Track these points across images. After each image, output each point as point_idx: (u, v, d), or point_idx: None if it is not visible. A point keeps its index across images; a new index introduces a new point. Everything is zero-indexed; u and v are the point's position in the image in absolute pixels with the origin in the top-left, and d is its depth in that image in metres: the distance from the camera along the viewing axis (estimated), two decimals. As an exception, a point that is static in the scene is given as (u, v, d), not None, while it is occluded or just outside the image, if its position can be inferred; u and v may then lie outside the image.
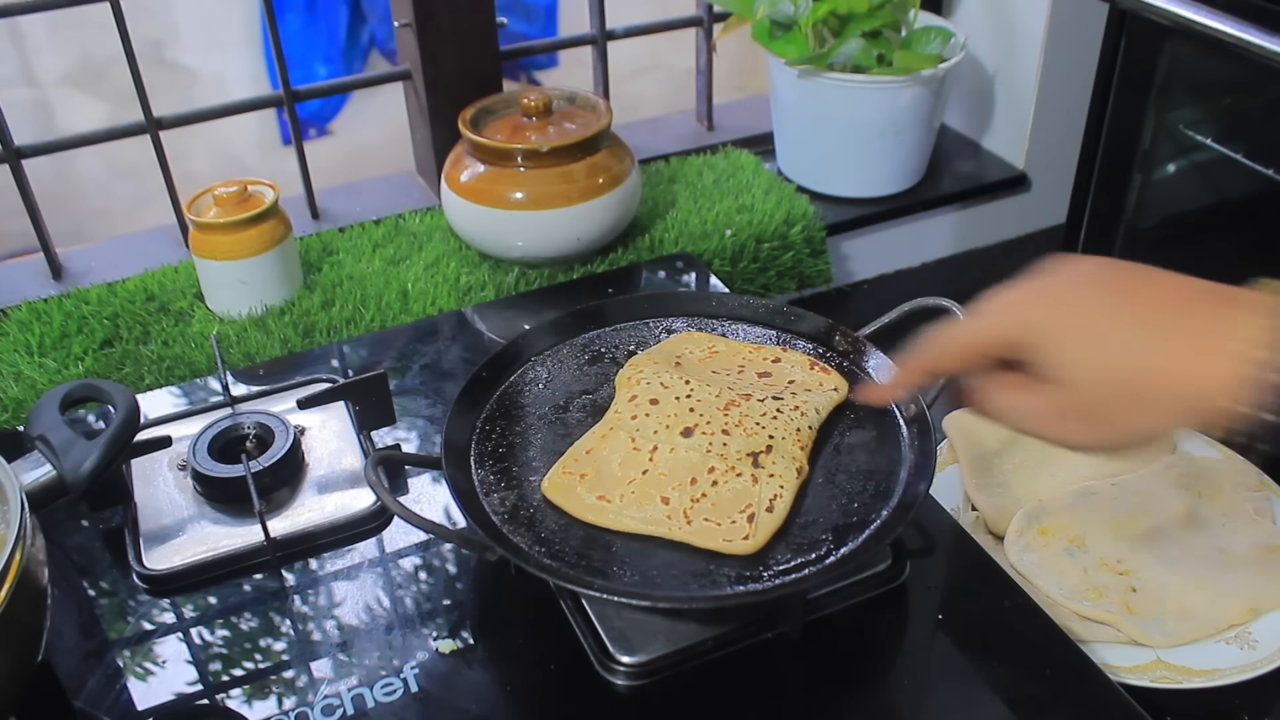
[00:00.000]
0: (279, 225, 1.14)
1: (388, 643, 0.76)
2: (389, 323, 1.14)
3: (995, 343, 0.59)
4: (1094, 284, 0.56)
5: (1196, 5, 0.96)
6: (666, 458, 0.78)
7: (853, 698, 0.72)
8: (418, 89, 1.31)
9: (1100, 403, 0.55)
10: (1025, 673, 0.73)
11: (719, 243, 1.26)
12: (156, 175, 1.25)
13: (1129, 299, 0.55)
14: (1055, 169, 1.47)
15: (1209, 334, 0.52)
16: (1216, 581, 0.87)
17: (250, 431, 0.92)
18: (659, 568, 0.72)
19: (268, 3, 1.24)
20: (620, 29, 1.42)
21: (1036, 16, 1.38)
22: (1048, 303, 0.57)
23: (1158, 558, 0.90)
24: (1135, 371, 0.53)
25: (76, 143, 1.22)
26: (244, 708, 0.72)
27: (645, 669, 0.72)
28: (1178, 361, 0.52)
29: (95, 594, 0.82)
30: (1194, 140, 1.14)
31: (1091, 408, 0.55)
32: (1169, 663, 0.82)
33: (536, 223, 1.16)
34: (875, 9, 1.29)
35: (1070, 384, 0.55)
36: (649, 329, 0.95)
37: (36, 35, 2.89)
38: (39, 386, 1.05)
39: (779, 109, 1.42)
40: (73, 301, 1.16)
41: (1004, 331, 0.58)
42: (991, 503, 0.96)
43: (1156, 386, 0.53)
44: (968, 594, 0.79)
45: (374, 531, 0.86)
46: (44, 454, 0.75)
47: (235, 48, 3.00)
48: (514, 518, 0.76)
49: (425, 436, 0.96)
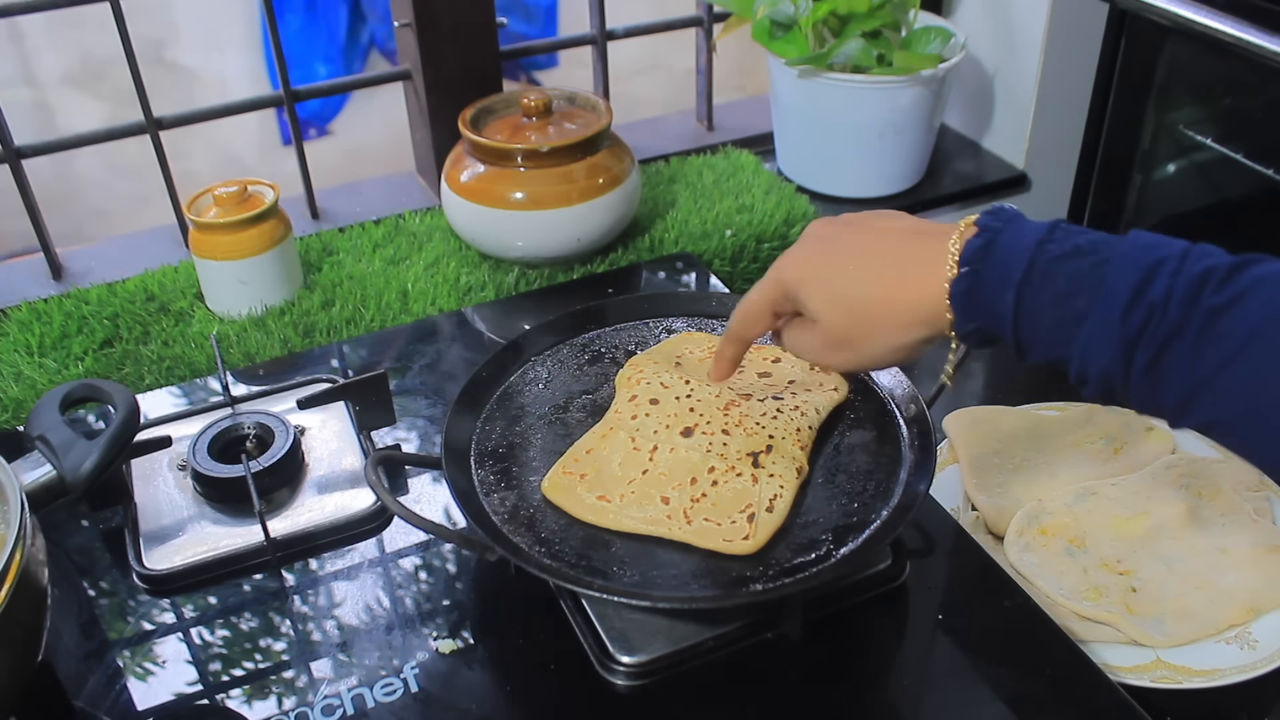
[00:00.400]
0: (279, 225, 1.14)
1: (388, 643, 0.76)
2: (389, 323, 1.14)
3: (774, 299, 0.71)
4: (833, 237, 0.68)
5: (1196, 5, 0.96)
6: (666, 457, 0.78)
7: (853, 698, 0.72)
8: (418, 89, 1.31)
9: (845, 330, 0.66)
10: (1025, 673, 0.73)
11: (719, 243, 1.26)
12: (156, 175, 1.25)
13: (858, 243, 0.66)
14: (1055, 169, 1.47)
15: (916, 261, 0.63)
16: (1216, 581, 0.87)
17: (250, 431, 0.92)
18: (659, 568, 0.72)
19: (268, 3, 1.24)
20: (620, 29, 1.42)
21: (1036, 16, 1.37)
22: (800, 258, 0.69)
23: (1158, 558, 0.90)
24: (863, 300, 0.65)
25: (76, 143, 1.22)
26: (244, 708, 0.72)
27: (645, 669, 0.72)
28: (893, 287, 0.64)
29: (95, 594, 0.82)
30: (1194, 140, 1.14)
31: (841, 335, 0.67)
32: (1169, 663, 0.82)
33: (536, 223, 1.16)
34: (875, 9, 1.29)
35: (821, 319, 0.67)
36: (649, 329, 0.95)
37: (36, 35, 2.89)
38: (39, 386, 1.05)
39: (779, 109, 1.42)
40: (73, 301, 1.16)
41: (775, 290, 0.70)
42: (991, 503, 0.96)
43: (881, 310, 0.64)
44: (968, 594, 0.79)
45: (374, 531, 0.86)
46: (44, 454, 0.75)
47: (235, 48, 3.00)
48: (514, 518, 0.76)
49: (425, 436, 0.96)
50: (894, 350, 0.66)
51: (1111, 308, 0.55)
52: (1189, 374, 0.54)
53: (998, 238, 0.60)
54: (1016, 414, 1.06)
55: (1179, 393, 0.55)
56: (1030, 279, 0.58)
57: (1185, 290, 0.54)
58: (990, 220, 0.61)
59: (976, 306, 0.60)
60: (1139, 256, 0.56)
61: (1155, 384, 0.55)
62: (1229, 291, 0.53)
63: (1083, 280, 0.56)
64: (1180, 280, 0.54)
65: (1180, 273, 0.54)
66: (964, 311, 0.61)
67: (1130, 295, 0.55)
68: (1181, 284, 0.54)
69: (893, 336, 0.65)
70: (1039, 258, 0.58)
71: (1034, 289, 0.58)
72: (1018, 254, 0.59)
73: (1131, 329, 0.55)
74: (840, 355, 0.68)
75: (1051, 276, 0.57)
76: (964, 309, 0.61)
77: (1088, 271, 0.56)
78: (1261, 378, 0.52)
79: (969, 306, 0.61)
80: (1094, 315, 0.56)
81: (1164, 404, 0.56)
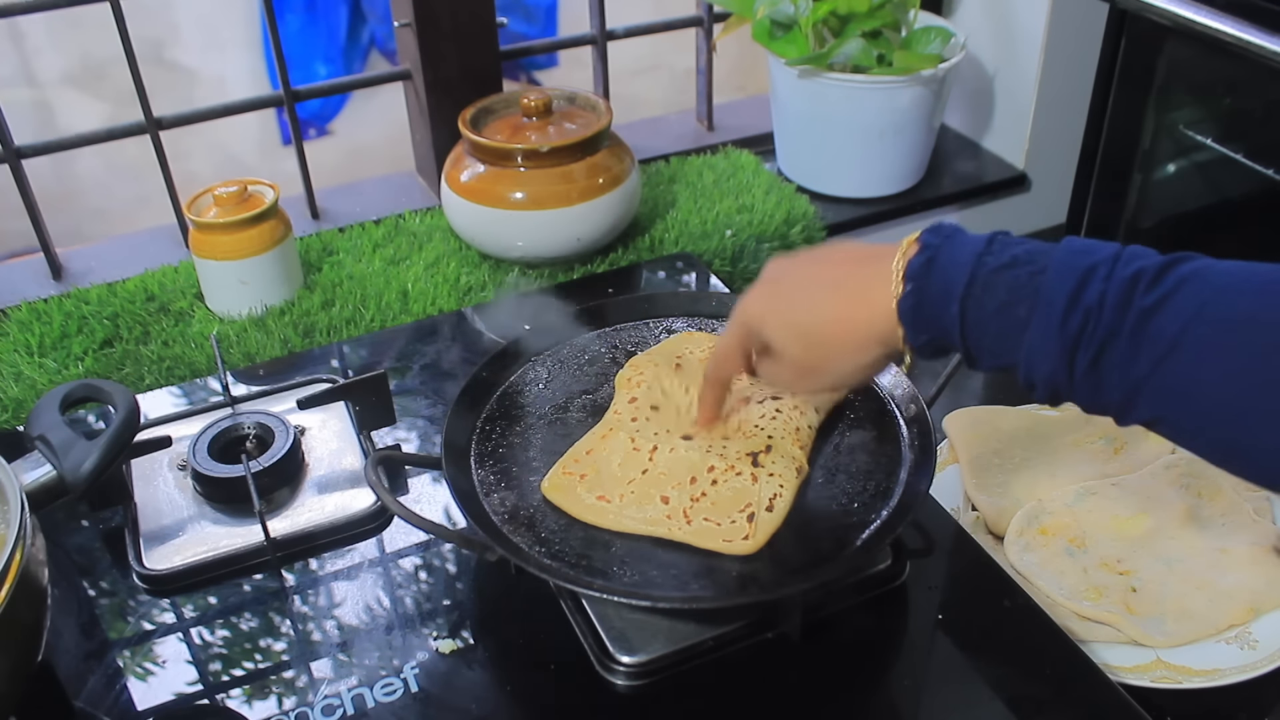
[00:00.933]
0: (279, 225, 1.14)
1: (388, 643, 0.76)
2: (389, 323, 1.14)
3: (741, 339, 0.73)
4: (786, 273, 0.70)
5: (1196, 5, 0.96)
6: (666, 458, 0.78)
7: (853, 698, 0.72)
8: (418, 89, 1.31)
9: (807, 357, 0.68)
10: (1025, 673, 0.73)
11: (719, 243, 1.26)
12: (156, 175, 1.25)
13: (810, 275, 0.69)
14: (1055, 169, 1.47)
15: (864, 284, 0.65)
16: (1216, 581, 0.87)
17: (250, 431, 0.92)
18: (659, 568, 0.72)
19: (268, 3, 1.24)
20: (620, 29, 1.42)
21: (1036, 16, 1.37)
22: (758, 296, 0.71)
23: (1158, 558, 0.90)
24: (819, 326, 0.67)
25: (76, 143, 1.22)
26: (244, 708, 0.72)
27: (645, 669, 0.72)
28: (846, 310, 0.66)
29: (95, 594, 0.82)
30: (1194, 140, 1.14)
31: (805, 362, 0.69)
32: (1169, 663, 0.82)
33: (536, 223, 1.16)
34: (875, 9, 1.29)
35: (785, 352, 0.69)
36: (649, 329, 0.95)
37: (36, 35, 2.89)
38: (39, 386, 1.05)
39: (779, 109, 1.42)
40: (73, 301, 1.16)
41: (740, 331, 0.73)
42: (991, 503, 0.96)
43: (836, 334, 0.67)
44: (968, 594, 0.79)
45: (374, 531, 0.86)
46: (44, 454, 0.75)
47: (235, 48, 3.00)
48: (514, 518, 0.76)
49: (425, 436, 0.96)
50: (857, 369, 0.68)
51: (1050, 315, 0.57)
52: (1126, 374, 0.56)
53: (938, 254, 0.62)
54: (1016, 414, 1.06)
55: (1120, 393, 0.57)
56: (972, 291, 0.60)
57: (1117, 293, 0.56)
58: (930, 237, 0.63)
59: (924, 320, 0.63)
60: (1073, 262, 0.58)
61: (1097, 385, 0.57)
62: (1158, 291, 0.55)
63: (1021, 290, 0.59)
64: (1112, 284, 0.56)
65: (1112, 277, 0.56)
66: (913, 326, 0.63)
67: (1066, 303, 0.57)
68: (1114, 288, 0.56)
69: (852, 357, 0.67)
70: (979, 270, 0.60)
71: (975, 301, 0.60)
72: (958, 268, 0.61)
73: (1070, 334, 0.57)
74: (809, 381, 0.71)
75: (992, 288, 0.60)
76: (912, 324, 0.63)
77: (1025, 281, 0.59)
78: (1193, 373, 0.54)
79: (917, 321, 0.63)
80: (1035, 323, 0.58)
81: (1107, 404, 0.58)
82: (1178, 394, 0.55)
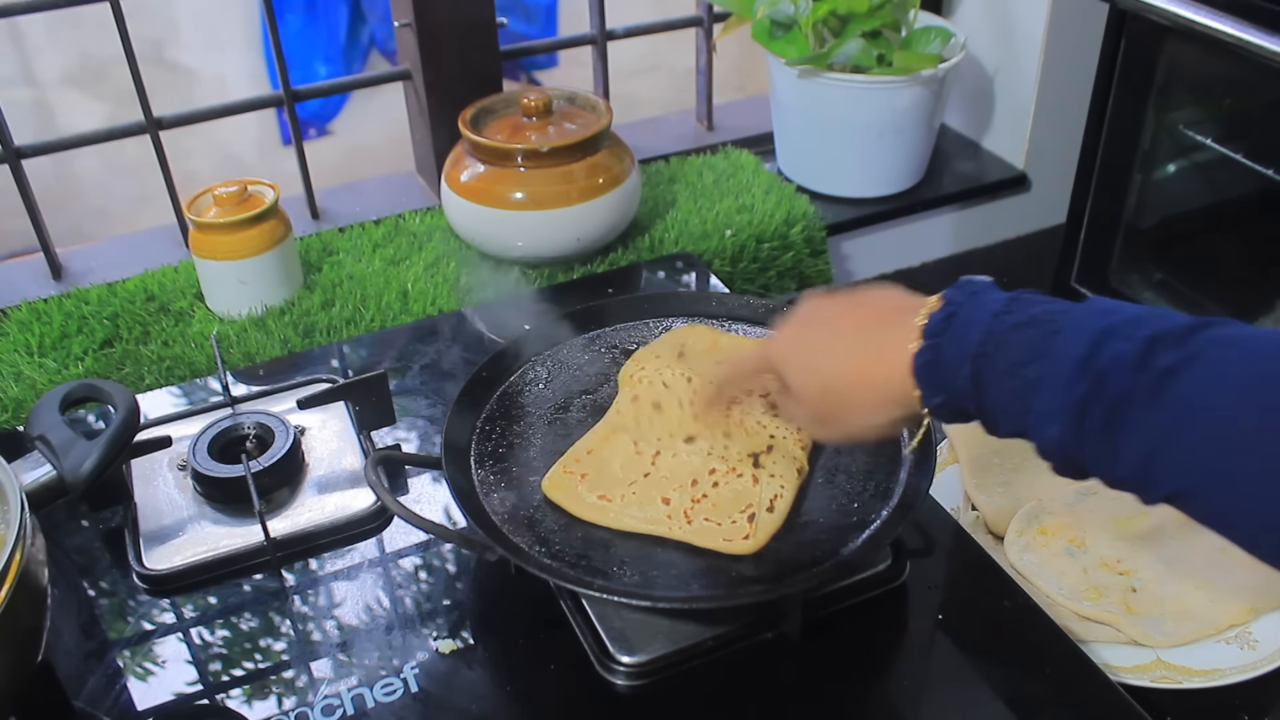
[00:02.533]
0: (279, 225, 1.14)
1: (388, 643, 0.76)
2: (389, 323, 1.14)
3: (758, 369, 0.73)
4: (817, 317, 0.69)
5: (1196, 5, 0.96)
6: (669, 461, 0.78)
7: (853, 698, 0.72)
8: (418, 89, 1.31)
9: (822, 408, 0.67)
10: (1025, 673, 0.73)
11: (719, 243, 1.26)
12: (156, 175, 1.25)
13: (838, 324, 0.67)
14: (1055, 169, 1.47)
15: (886, 339, 0.62)
16: (1216, 581, 0.87)
17: (250, 431, 0.92)
18: (659, 568, 0.72)
19: (268, 3, 1.24)
20: (620, 29, 1.42)
21: (1036, 16, 1.37)
22: (787, 337, 0.70)
23: (1158, 558, 0.90)
24: (835, 378, 0.65)
25: (76, 143, 1.22)
26: (244, 708, 0.72)
27: (645, 669, 0.72)
28: (864, 367, 0.64)
29: (95, 594, 0.82)
30: (1194, 140, 1.14)
31: (820, 412, 0.67)
32: (1169, 663, 0.82)
33: (536, 223, 1.16)
34: (875, 9, 1.29)
35: (802, 397, 0.68)
36: (649, 329, 0.95)
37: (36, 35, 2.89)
38: (39, 386, 1.05)
39: (779, 109, 1.42)
40: (73, 301, 1.16)
41: (761, 363, 0.72)
42: (991, 503, 0.96)
43: (853, 390, 0.64)
44: (968, 594, 0.79)
45: (374, 531, 0.86)
46: (44, 454, 0.75)
47: (235, 48, 3.00)
48: (514, 518, 0.76)
49: (425, 436, 0.96)
50: (873, 428, 0.66)
51: (1058, 374, 0.54)
52: (1143, 440, 0.52)
53: (960, 310, 0.59)
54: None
55: (1136, 461, 0.52)
56: (985, 350, 0.57)
57: (1135, 354, 0.52)
58: (955, 293, 0.61)
59: (939, 380, 0.60)
60: (1091, 322, 0.54)
61: (1112, 453, 0.53)
62: (1181, 352, 0.51)
63: (1036, 349, 0.56)
64: (1130, 344, 0.52)
65: (1131, 337, 0.53)
66: (928, 385, 0.60)
67: (1077, 362, 0.53)
68: (1132, 348, 0.52)
69: (867, 416, 0.65)
70: (995, 328, 0.57)
71: (989, 360, 0.57)
72: (975, 325, 0.58)
73: (1078, 395, 0.53)
74: (824, 430, 0.69)
75: (1007, 347, 0.57)
76: (927, 383, 0.60)
77: (1041, 340, 0.56)
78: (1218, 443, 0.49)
79: (931, 380, 0.60)
80: (1044, 383, 0.55)
81: (1124, 476, 0.54)
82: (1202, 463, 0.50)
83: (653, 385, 0.84)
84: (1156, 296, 1.16)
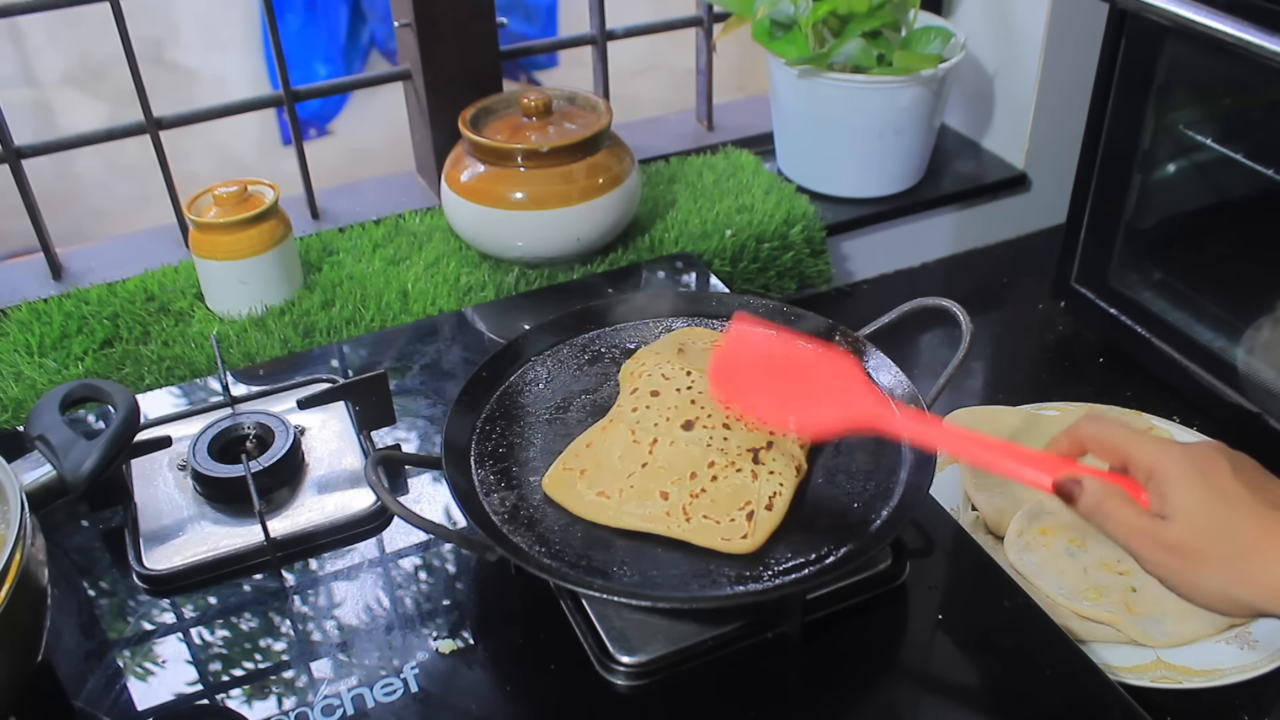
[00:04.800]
0: (279, 225, 1.14)
1: (388, 643, 0.76)
2: (389, 323, 1.14)
3: (1138, 448, 0.64)
4: (1225, 462, 0.61)
5: (1196, 5, 0.96)
6: (666, 451, 0.78)
7: (853, 698, 0.72)
8: (418, 89, 1.31)
9: (1189, 541, 0.60)
10: (1025, 673, 0.73)
11: (719, 243, 1.25)
12: (156, 175, 1.25)
13: (1247, 483, 0.60)
14: (1055, 169, 1.47)
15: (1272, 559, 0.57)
16: (1216, 581, 0.87)
17: (250, 431, 0.92)
18: (659, 567, 0.72)
19: (268, 3, 1.24)
20: (620, 29, 1.42)
21: (1036, 16, 1.37)
22: (1188, 452, 0.62)
23: (1158, 558, 0.90)
24: (1230, 531, 0.59)
25: (76, 143, 1.22)
26: (244, 708, 0.72)
27: (645, 669, 0.72)
28: (1262, 543, 0.58)
29: (95, 594, 0.82)
30: (1194, 140, 1.13)
31: (1180, 542, 0.60)
32: (1169, 663, 0.82)
33: (536, 223, 1.16)
34: (875, 9, 1.29)
35: (1174, 515, 0.60)
36: (649, 329, 0.95)
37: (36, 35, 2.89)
38: (39, 386, 1.05)
39: (779, 109, 1.42)
40: (73, 301, 1.16)
41: (1149, 449, 0.63)
42: (991, 503, 0.96)
43: (1238, 553, 0.58)
44: (968, 594, 0.79)
45: (374, 531, 0.86)
46: (44, 454, 0.75)
47: (235, 48, 3.00)
48: (514, 518, 0.76)
49: (425, 436, 0.96)
50: (1209, 598, 0.60)
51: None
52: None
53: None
54: (1016, 414, 1.06)
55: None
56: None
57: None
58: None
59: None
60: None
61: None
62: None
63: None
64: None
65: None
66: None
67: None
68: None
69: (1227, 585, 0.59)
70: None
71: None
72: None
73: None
74: (1161, 561, 0.61)
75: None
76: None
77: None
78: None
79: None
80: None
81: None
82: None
83: (651, 377, 0.84)
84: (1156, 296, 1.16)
